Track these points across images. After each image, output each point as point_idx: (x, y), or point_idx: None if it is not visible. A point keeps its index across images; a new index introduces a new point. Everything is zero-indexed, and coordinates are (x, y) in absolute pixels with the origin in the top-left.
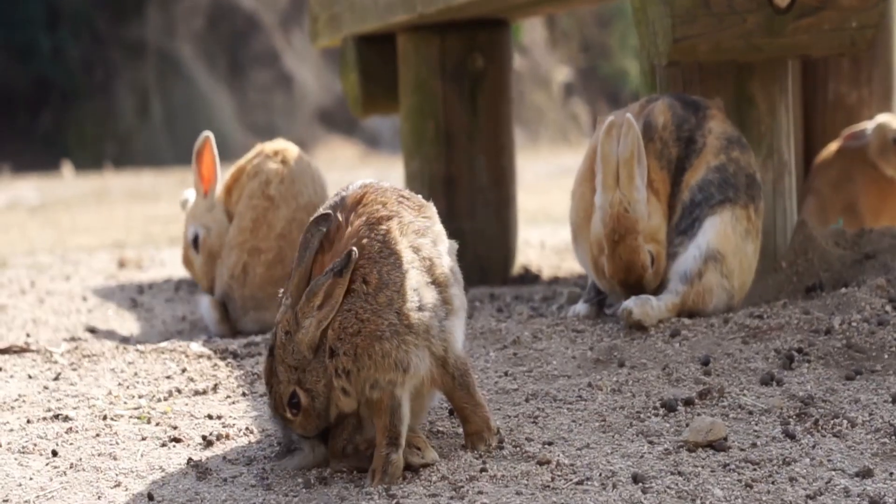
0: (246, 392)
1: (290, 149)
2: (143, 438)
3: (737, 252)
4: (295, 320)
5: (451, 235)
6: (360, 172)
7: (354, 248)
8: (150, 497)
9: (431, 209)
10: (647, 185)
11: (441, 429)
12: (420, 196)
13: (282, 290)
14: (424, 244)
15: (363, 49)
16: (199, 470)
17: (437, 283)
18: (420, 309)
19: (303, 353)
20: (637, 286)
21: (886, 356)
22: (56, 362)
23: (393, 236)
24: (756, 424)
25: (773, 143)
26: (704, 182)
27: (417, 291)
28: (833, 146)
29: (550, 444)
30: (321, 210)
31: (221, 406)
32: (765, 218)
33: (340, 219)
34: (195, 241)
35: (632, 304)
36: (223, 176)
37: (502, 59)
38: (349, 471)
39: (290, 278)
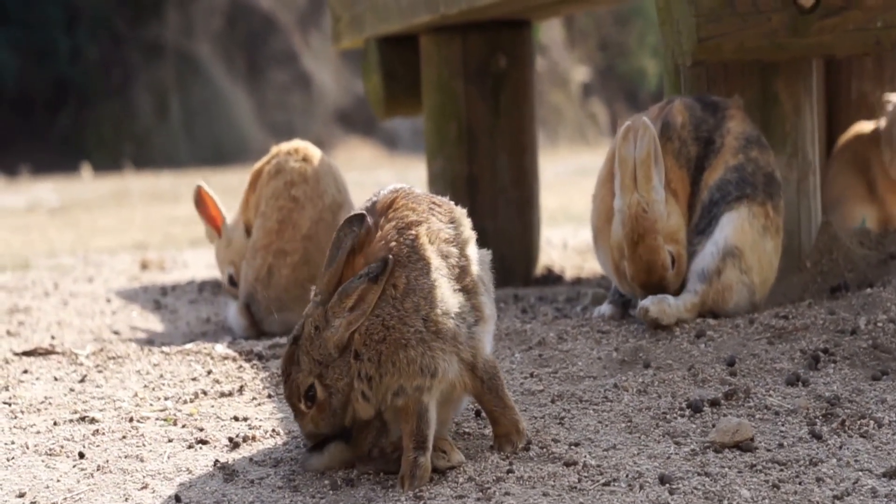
0: (272, 394)
1: (310, 147)
2: (170, 440)
3: (755, 247)
4: (325, 317)
5: None
6: (379, 173)
7: (391, 256)
8: (178, 499)
9: (463, 216)
10: (665, 185)
11: (468, 430)
12: (452, 202)
13: (313, 289)
14: (453, 252)
15: (385, 50)
16: (226, 472)
17: (466, 291)
18: (448, 315)
19: (329, 350)
20: (659, 288)
21: None
22: (81, 364)
23: (422, 242)
24: (782, 425)
25: (798, 142)
26: (723, 182)
27: (445, 298)
28: (853, 129)
29: (577, 445)
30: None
31: (247, 408)
32: (789, 218)
33: (370, 223)
34: (231, 281)
35: (648, 302)
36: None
37: (524, 59)
38: (375, 473)
39: (321, 276)
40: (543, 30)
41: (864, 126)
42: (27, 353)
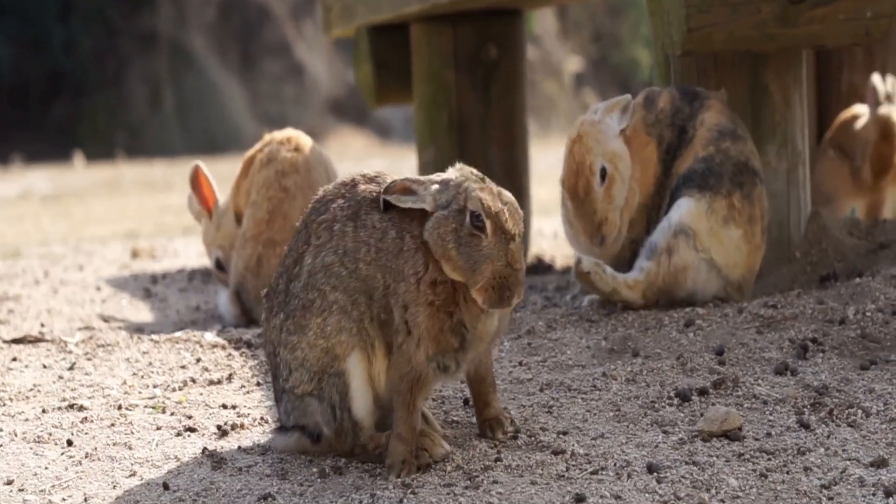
0: (260, 381)
1: (302, 137)
2: (158, 428)
3: (713, 233)
4: None
5: None
6: (371, 163)
7: None
8: (166, 486)
9: None
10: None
11: (456, 418)
12: None
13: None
14: None
15: (376, 39)
16: (214, 459)
17: None
18: None
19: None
20: (598, 230)
21: None
22: (71, 352)
23: None
24: (771, 414)
25: (788, 132)
26: (690, 171)
27: None
28: (839, 118)
29: (565, 433)
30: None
31: (236, 396)
32: (778, 208)
33: None
34: (218, 265)
35: (584, 257)
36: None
37: (516, 49)
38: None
39: None
40: (537, 20)
41: (851, 113)
42: (16, 341)
